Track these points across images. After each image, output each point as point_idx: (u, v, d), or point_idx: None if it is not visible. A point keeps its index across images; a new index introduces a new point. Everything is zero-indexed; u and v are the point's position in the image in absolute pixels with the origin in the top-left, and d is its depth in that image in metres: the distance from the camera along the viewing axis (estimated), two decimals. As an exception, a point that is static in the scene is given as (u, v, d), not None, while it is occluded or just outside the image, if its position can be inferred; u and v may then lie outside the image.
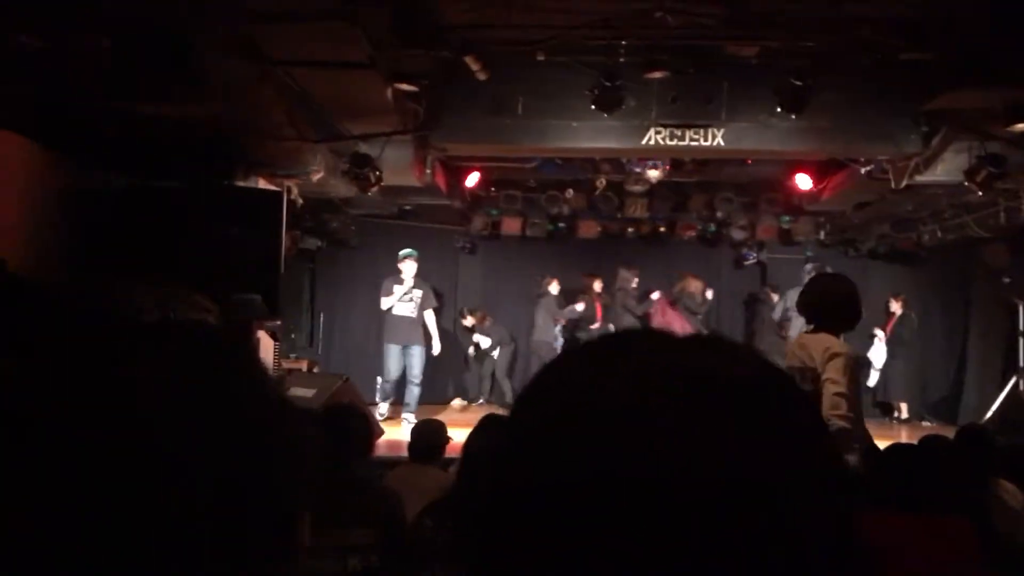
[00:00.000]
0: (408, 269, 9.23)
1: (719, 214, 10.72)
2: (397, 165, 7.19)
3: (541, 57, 6.14)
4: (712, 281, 11.29)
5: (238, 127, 4.99)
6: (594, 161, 9.09)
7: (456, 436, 4.86)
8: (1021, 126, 5.82)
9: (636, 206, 10.47)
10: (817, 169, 9.00)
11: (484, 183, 9.98)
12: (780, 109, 6.33)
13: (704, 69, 6.38)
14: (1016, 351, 9.69)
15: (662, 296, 10.75)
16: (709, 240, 11.66)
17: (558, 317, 10.53)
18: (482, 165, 9.28)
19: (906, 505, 2.00)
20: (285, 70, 5.20)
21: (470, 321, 11.05)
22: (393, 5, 4.88)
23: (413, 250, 9.40)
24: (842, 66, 6.08)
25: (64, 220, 4.49)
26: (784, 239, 11.43)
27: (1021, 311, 9.70)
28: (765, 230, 11.17)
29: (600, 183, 9.85)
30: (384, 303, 9.23)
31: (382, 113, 6.13)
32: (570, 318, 10.58)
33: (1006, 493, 3.75)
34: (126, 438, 0.65)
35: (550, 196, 10.28)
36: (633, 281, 10.69)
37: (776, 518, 0.48)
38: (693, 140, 6.73)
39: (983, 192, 6.96)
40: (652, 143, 6.71)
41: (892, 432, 9.35)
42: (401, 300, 9.18)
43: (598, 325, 10.51)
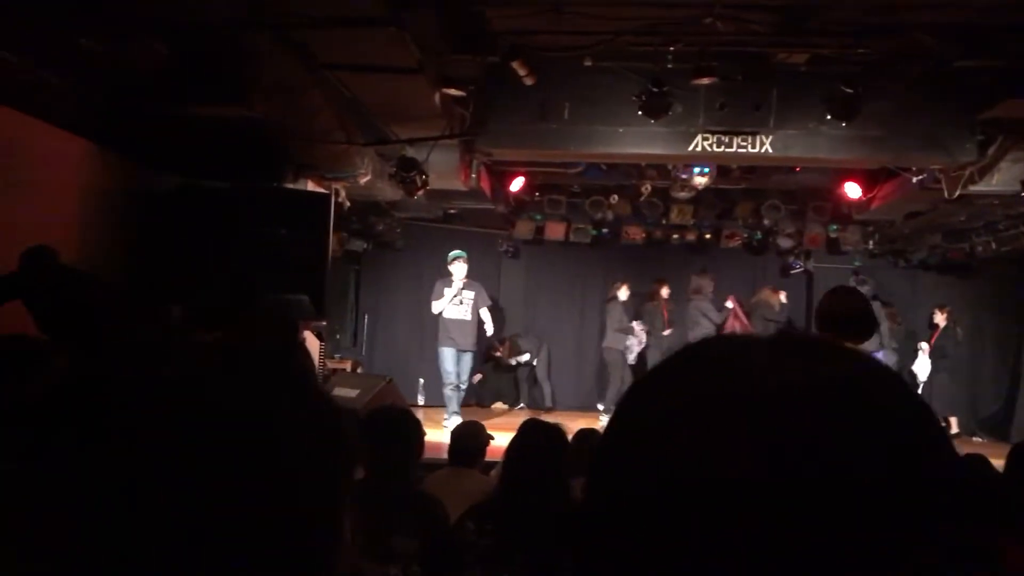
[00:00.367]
0: (458, 271, 9.00)
1: (766, 222, 10.57)
2: (443, 169, 7.23)
3: (588, 63, 6.13)
4: (756, 290, 11.15)
5: (288, 130, 5.07)
6: (639, 167, 9.04)
7: (497, 440, 4.88)
8: (1081, 136, 5.68)
9: (681, 212, 10.38)
10: (867, 177, 8.84)
11: (528, 188, 9.98)
12: (830, 117, 6.24)
13: (753, 76, 6.32)
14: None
15: (736, 304, 10.58)
16: (755, 248, 11.50)
17: (622, 330, 10.29)
18: (527, 170, 9.28)
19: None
20: (335, 74, 5.27)
21: (500, 352, 10.96)
22: (442, 11, 4.92)
23: (462, 251, 9.18)
24: (895, 73, 5.97)
25: (119, 219, 4.60)
26: (832, 248, 11.24)
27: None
28: (812, 239, 11.00)
29: (645, 189, 9.78)
30: (435, 307, 8.98)
31: (429, 117, 6.18)
32: (629, 334, 10.36)
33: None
34: (189, 439, 0.67)
35: (594, 201, 10.24)
36: (711, 288, 10.42)
37: (899, 525, 0.47)
38: (741, 147, 6.67)
39: (1041, 203, 6.79)
40: (699, 149, 6.66)
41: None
42: (452, 303, 8.92)
43: (669, 332, 10.35)
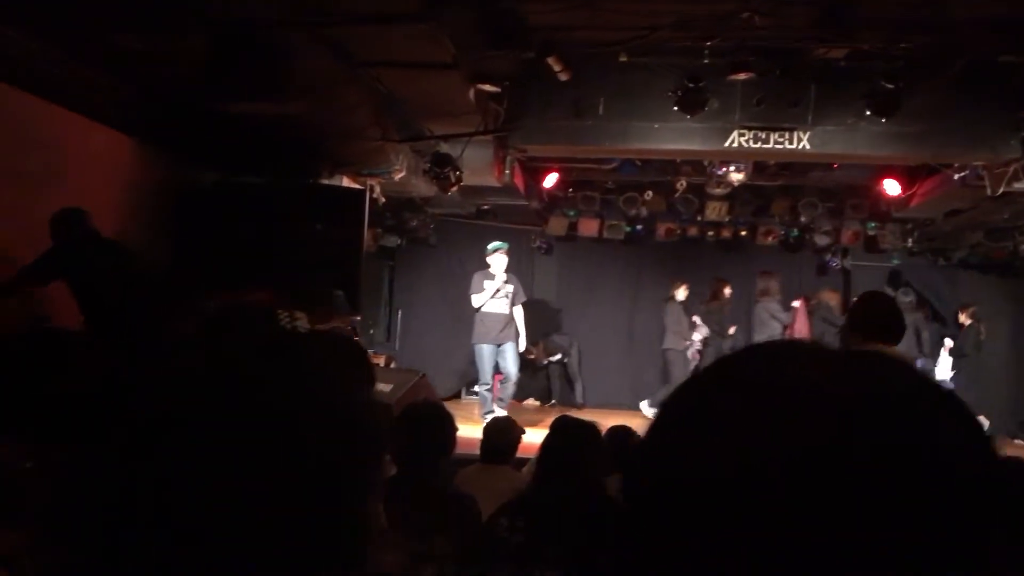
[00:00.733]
0: (499, 263, 8.59)
1: (802, 219, 10.44)
2: (477, 165, 7.24)
3: (623, 58, 6.10)
4: (793, 288, 11.01)
5: (325, 126, 5.11)
6: (674, 163, 8.98)
7: (528, 437, 4.87)
8: None
9: (717, 209, 10.29)
10: (906, 174, 8.70)
11: (562, 184, 9.96)
12: (869, 112, 6.14)
13: (790, 71, 6.24)
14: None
15: (803, 305, 10.42)
16: (791, 245, 11.37)
17: (680, 333, 9.97)
18: (560, 166, 9.26)
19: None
20: (370, 71, 5.29)
21: (534, 355, 10.90)
22: (477, 6, 4.92)
23: (503, 242, 8.81)
24: (937, 68, 5.86)
25: (158, 213, 4.67)
26: (869, 246, 11.08)
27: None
28: (850, 236, 10.84)
29: (680, 185, 9.71)
30: (475, 300, 8.56)
31: (464, 114, 6.19)
32: (688, 336, 10.04)
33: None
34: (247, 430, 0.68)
35: (628, 198, 10.18)
36: (778, 288, 10.08)
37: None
38: (778, 143, 6.60)
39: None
40: (735, 145, 6.60)
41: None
42: (494, 297, 8.55)
43: (734, 330, 10.16)
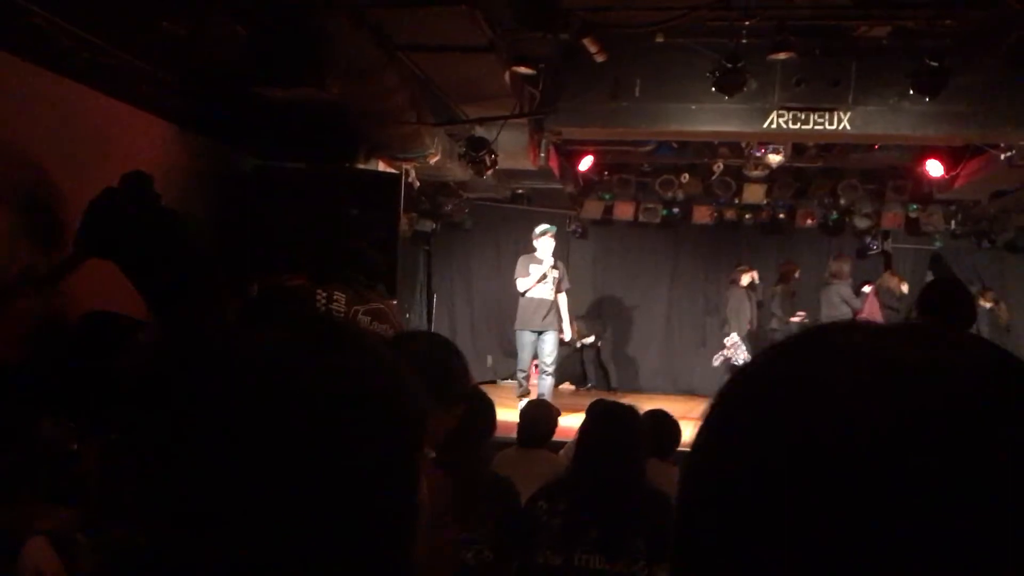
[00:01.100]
0: (546, 247, 8.28)
1: (842, 201, 10.28)
2: (512, 149, 7.22)
3: (660, 39, 6.04)
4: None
5: (361, 111, 5.12)
6: (712, 145, 8.89)
7: (564, 421, 4.87)
8: None
9: (754, 192, 10.16)
10: (950, 155, 8.51)
11: (597, 167, 9.91)
12: (913, 92, 6.01)
13: (831, 50, 6.14)
14: None
15: (873, 290, 10.28)
16: (831, 229, 11.22)
17: (742, 319, 9.60)
18: (596, 149, 9.21)
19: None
20: (407, 54, 5.29)
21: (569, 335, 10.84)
22: (513, -12, 4.89)
23: (551, 225, 8.52)
24: (983, 46, 5.72)
25: (198, 199, 4.72)
26: (911, 229, 10.89)
27: None
28: (891, 219, 10.65)
29: (717, 167, 9.61)
30: (521, 285, 8.26)
31: (499, 97, 6.17)
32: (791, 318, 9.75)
33: None
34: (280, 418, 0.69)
35: (665, 180, 10.10)
36: (849, 271, 9.84)
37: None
38: (818, 124, 6.50)
39: None
40: (774, 127, 6.51)
41: None
42: (540, 282, 8.24)
43: (801, 317, 9.92)
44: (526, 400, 6.88)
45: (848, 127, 6.47)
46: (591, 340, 11.04)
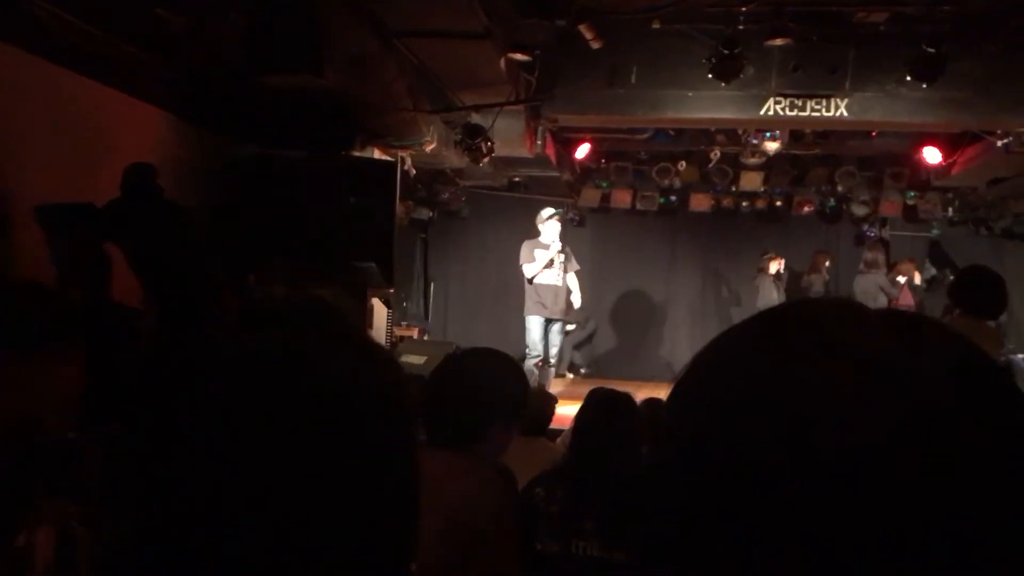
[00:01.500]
0: (552, 231, 8.13)
1: (840, 188, 10.28)
2: (508, 136, 7.20)
3: (656, 25, 6.02)
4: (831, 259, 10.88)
5: (359, 99, 5.11)
6: (708, 132, 8.87)
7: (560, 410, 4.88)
8: None
9: (752, 179, 10.15)
10: (948, 142, 8.51)
11: (594, 155, 9.89)
12: (911, 78, 6.00)
13: (828, 36, 6.12)
14: None
15: (906, 279, 10.24)
16: (828, 216, 11.22)
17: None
18: (592, 136, 9.19)
19: None
20: (403, 41, 5.28)
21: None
22: (510, -25, 4.87)
23: (557, 209, 8.38)
24: (981, 32, 5.71)
25: (196, 188, 4.72)
26: (909, 216, 10.88)
27: None
28: (888, 206, 10.65)
29: (714, 155, 9.59)
30: (528, 271, 8.04)
31: (495, 84, 6.15)
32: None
33: None
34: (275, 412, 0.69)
35: (662, 168, 10.09)
36: (884, 260, 9.85)
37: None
38: (815, 111, 6.49)
39: None
40: (771, 114, 6.50)
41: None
42: (548, 267, 8.07)
43: None
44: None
45: (845, 114, 6.46)
46: (572, 327, 11.05)
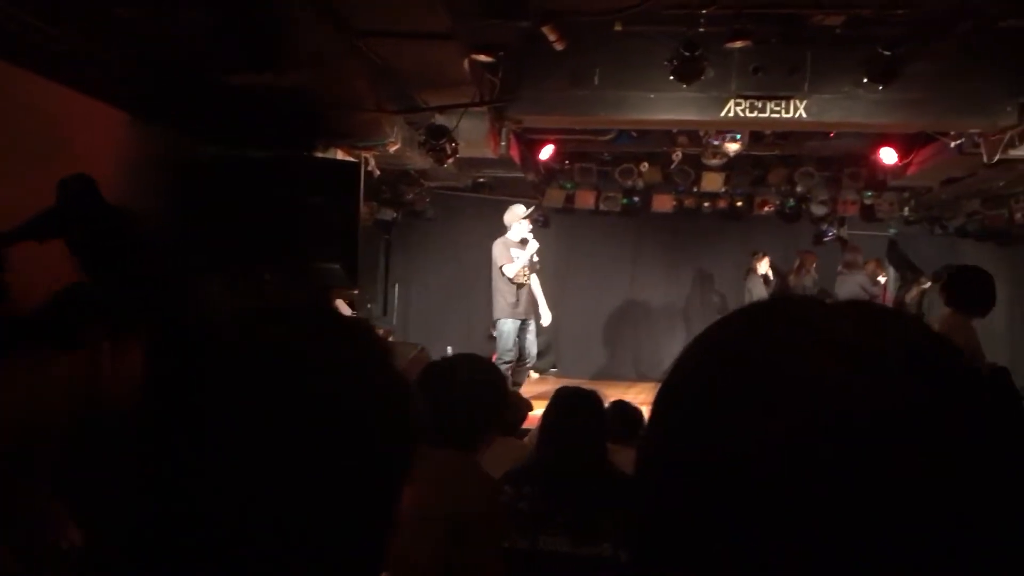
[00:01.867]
0: (524, 229, 7.90)
1: (799, 189, 10.44)
2: (472, 137, 7.19)
3: (619, 27, 6.05)
4: (790, 258, 11.04)
5: (321, 98, 5.07)
6: (671, 133, 8.95)
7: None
8: None
9: (713, 180, 10.27)
10: (903, 143, 8.68)
11: (558, 156, 9.93)
12: (867, 80, 6.11)
13: (787, 38, 6.20)
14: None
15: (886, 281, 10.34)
16: (788, 215, 11.39)
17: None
18: (557, 138, 9.22)
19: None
20: (365, 41, 5.25)
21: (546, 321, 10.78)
22: (473, -25, 4.87)
23: (530, 207, 8.23)
24: (935, 34, 5.83)
25: (156, 188, 4.65)
26: (866, 215, 11.09)
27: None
28: (847, 206, 10.85)
29: (676, 156, 9.69)
30: (509, 271, 7.74)
31: (459, 85, 6.14)
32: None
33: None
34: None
35: (625, 169, 10.16)
36: (861, 260, 9.99)
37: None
38: (774, 112, 6.57)
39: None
40: (732, 115, 6.57)
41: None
42: (526, 265, 7.84)
43: None
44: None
45: (804, 115, 6.55)
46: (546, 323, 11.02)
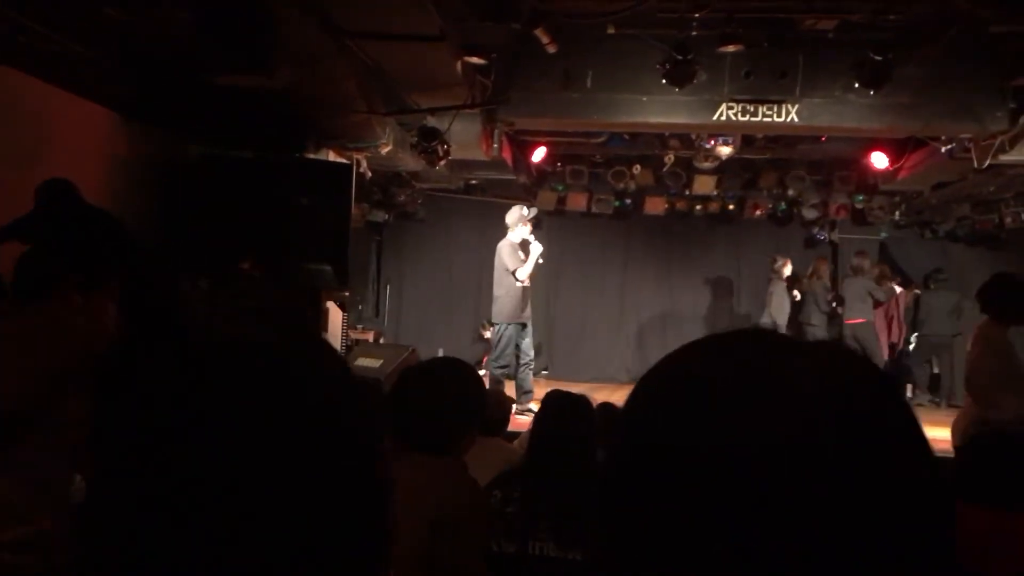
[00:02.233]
0: (526, 230, 7.72)
1: (790, 192, 10.47)
2: (465, 139, 7.19)
3: (611, 30, 6.05)
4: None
5: (311, 99, 5.06)
6: (663, 136, 8.95)
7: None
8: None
9: (705, 183, 10.28)
10: (894, 147, 8.71)
11: (550, 158, 9.92)
12: (858, 84, 6.13)
13: (779, 43, 6.21)
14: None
15: (901, 291, 10.34)
16: (779, 219, 11.42)
17: (784, 311, 9.76)
18: (549, 140, 9.22)
19: (994, 500, 1.93)
20: (357, 43, 5.23)
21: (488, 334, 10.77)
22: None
23: (532, 208, 8.07)
24: (925, 39, 5.85)
25: (144, 189, 4.63)
26: (857, 219, 11.12)
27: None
28: (838, 209, 10.88)
29: (668, 159, 9.70)
30: (521, 273, 7.53)
31: (451, 86, 6.13)
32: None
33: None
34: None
35: (617, 172, 10.16)
36: (869, 266, 9.95)
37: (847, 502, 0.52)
38: (766, 116, 6.59)
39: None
40: (724, 119, 6.58)
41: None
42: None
43: (830, 310, 10.03)
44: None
45: (796, 119, 6.57)
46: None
